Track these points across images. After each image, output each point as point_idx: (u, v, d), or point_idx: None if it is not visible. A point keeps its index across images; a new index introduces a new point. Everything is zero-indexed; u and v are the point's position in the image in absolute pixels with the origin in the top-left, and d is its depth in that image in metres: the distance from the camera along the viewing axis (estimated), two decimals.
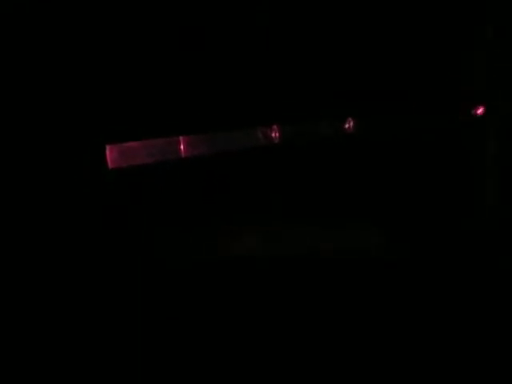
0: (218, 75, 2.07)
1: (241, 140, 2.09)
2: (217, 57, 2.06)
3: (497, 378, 1.85)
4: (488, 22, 2.31)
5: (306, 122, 2.13)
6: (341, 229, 2.14)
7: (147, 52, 2.01)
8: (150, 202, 2.05)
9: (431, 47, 2.32)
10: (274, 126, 2.09)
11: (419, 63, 2.31)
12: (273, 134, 2.08)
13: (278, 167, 2.12)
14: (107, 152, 2.02)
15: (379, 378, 1.89)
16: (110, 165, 2.03)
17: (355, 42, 2.21)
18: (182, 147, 2.09)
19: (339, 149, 2.16)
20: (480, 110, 2.28)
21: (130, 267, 1.98)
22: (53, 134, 1.92)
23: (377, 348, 1.95)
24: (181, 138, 2.08)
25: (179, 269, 2.01)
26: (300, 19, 2.13)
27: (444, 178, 2.28)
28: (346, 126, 2.14)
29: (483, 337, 1.94)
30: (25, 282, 1.81)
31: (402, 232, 2.17)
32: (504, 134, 2.34)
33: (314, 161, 2.15)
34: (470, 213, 2.23)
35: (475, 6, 2.32)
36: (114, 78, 1.99)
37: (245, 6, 2.04)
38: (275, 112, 2.10)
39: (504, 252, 2.14)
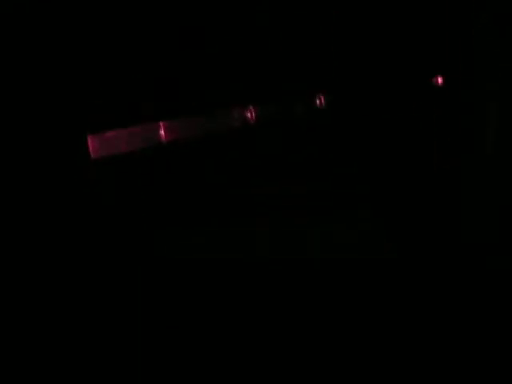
0: (195, 59, 2.10)
1: (220, 121, 2.13)
2: (192, 41, 2.08)
3: (495, 378, 1.91)
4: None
5: (280, 102, 2.18)
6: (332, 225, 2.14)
7: (125, 40, 2.00)
8: (134, 190, 2.06)
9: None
10: (250, 107, 2.14)
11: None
12: (248, 115, 2.13)
13: (257, 148, 2.16)
14: (89, 142, 2.02)
15: (378, 378, 1.94)
16: (92, 155, 2.03)
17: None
18: (162, 132, 2.11)
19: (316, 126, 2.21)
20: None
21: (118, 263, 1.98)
22: (33, 126, 1.90)
23: (374, 348, 1.97)
24: (161, 123, 2.10)
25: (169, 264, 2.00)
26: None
27: (440, 176, 2.28)
28: (318, 102, 2.20)
29: (481, 337, 2.00)
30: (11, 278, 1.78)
31: (397, 232, 2.16)
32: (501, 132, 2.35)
33: (293, 141, 2.19)
34: (468, 212, 2.27)
35: None
36: (93, 66, 1.98)
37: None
38: (250, 93, 2.15)
39: (502, 252, 2.14)
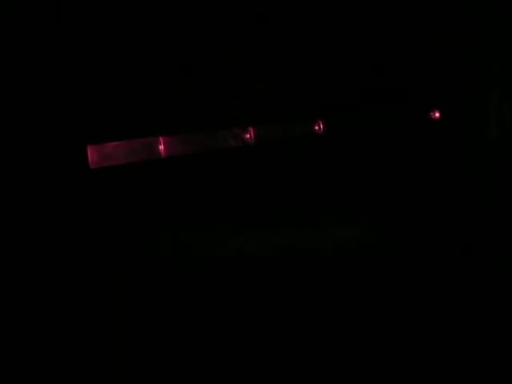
0: (197, 77, 2.14)
1: (218, 140, 2.16)
2: (195, 59, 2.12)
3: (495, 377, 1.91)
4: None
5: (279, 124, 2.21)
6: (324, 229, 2.16)
7: (128, 53, 2.05)
8: (131, 201, 2.11)
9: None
10: (249, 128, 2.17)
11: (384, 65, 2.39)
12: (248, 135, 2.16)
13: (255, 168, 2.19)
14: (88, 152, 2.07)
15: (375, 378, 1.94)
16: (91, 165, 2.08)
17: (326, 45, 2.28)
18: (161, 147, 2.15)
19: (314, 149, 2.23)
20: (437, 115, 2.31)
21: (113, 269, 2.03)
22: (34, 135, 1.96)
23: (374, 349, 1.98)
24: (161, 138, 2.14)
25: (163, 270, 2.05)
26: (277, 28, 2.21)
27: (437, 176, 2.28)
28: (316, 127, 2.22)
29: (480, 338, 2.00)
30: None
31: (395, 232, 2.16)
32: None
33: (290, 161, 2.22)
34: (466, 212, 2.24)
35: None
36: (95, 78, 2.03)
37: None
38: (250, 114, 2.18)
39: (502, 252, 2.12)
